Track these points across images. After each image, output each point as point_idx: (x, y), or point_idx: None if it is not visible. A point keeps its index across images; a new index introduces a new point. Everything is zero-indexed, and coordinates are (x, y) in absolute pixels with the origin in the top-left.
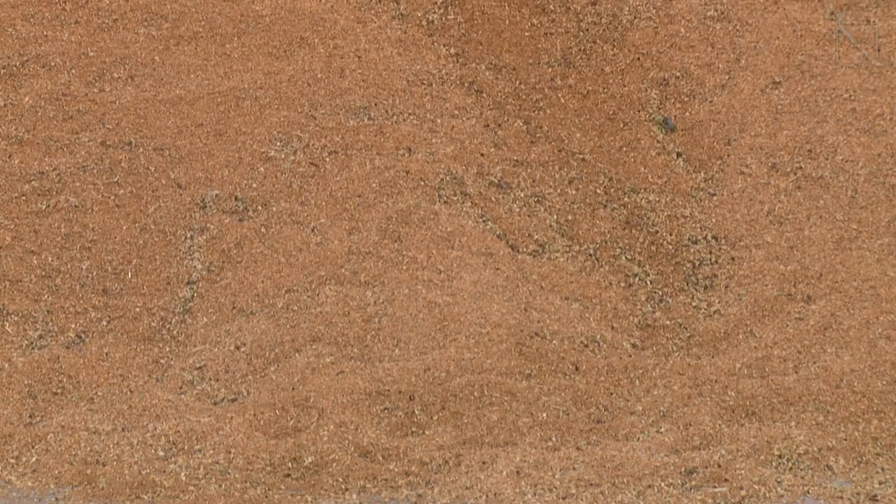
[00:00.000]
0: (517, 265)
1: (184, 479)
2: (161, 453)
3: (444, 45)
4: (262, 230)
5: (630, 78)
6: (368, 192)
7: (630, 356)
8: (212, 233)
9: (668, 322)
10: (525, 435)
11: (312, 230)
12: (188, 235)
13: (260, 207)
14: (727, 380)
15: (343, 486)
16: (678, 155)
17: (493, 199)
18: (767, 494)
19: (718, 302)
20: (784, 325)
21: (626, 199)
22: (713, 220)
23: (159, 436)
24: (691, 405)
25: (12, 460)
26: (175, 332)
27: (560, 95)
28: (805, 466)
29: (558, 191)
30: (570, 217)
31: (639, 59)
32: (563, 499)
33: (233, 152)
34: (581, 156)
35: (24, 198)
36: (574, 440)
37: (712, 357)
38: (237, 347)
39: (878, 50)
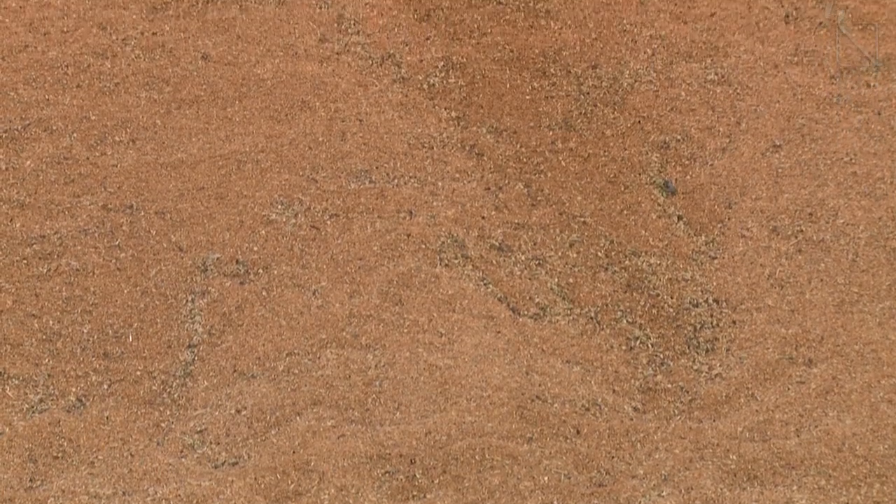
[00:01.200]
0: (518, 328)
1: None
2: None
3: (445, 109)
4: (264, 293)
5: (631, 141)
6: (369, 255)
7: (631, 419)
8: (213, 296)
9: (669, 385)
10: (526, 499)
11: (313, 293)
12: (189, 299)
13: (261, 270)
14: (729, 443)
15: None
16: (679, 218)
17: (494, 262)
18: None
19: (720, 365)
20: (785, 389)
21: (627, 262)
22: (714, 284)
23: (160, 500)
24: (693, 469)
25: None
26: (176, 395)
27: (561, 158)
28: None
29: (559, 254)
30: (571, 280)
31: (639, 122)
32: None
33: (234, 215)
34: (582, 219)
35: (24, 261)
36: None
37: (714, 420)
38: (238, 411)
39: (879, 114)
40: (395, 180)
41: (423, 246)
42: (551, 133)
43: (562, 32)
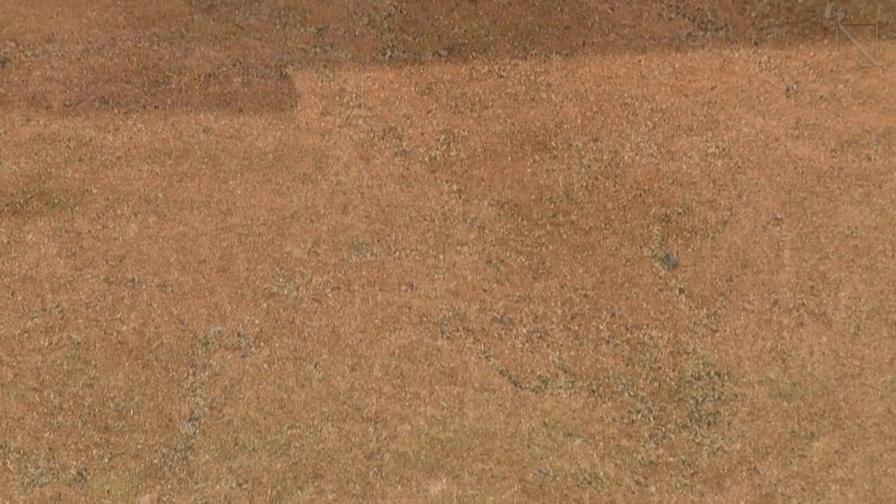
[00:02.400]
0: (520, 401)
1: None
2: None
3: (446, 182)
4: (265, 366)
5: (632, 214)
6: (371, 328)
7: (633, 493)
8: (214, 369)
9: (671, 459)
10: None
11: (315, 366)
12: (190, 372)
13: (262, 343)
14: None
15: None
16: (680, 291)
17: (495, 334)
18: None
19: (722, 439)
20: (788, 462)
21: (628, 335)
22: (716, 357)
23: None
24: None
25: None
26: (177, 468)
27: (562, 231)
28: None
29: (560, 327)
30: (572, 353)
31: (640, 195)
32: None
33: (235, 288)
34: (583, 292)
35: (26, 335)
36: None
37: (716, 494)
38: (239, 484)
39: (880, 187)
40: (397, 253)
41: (425, 319)
42: (552, 206)
43: (563, 106)
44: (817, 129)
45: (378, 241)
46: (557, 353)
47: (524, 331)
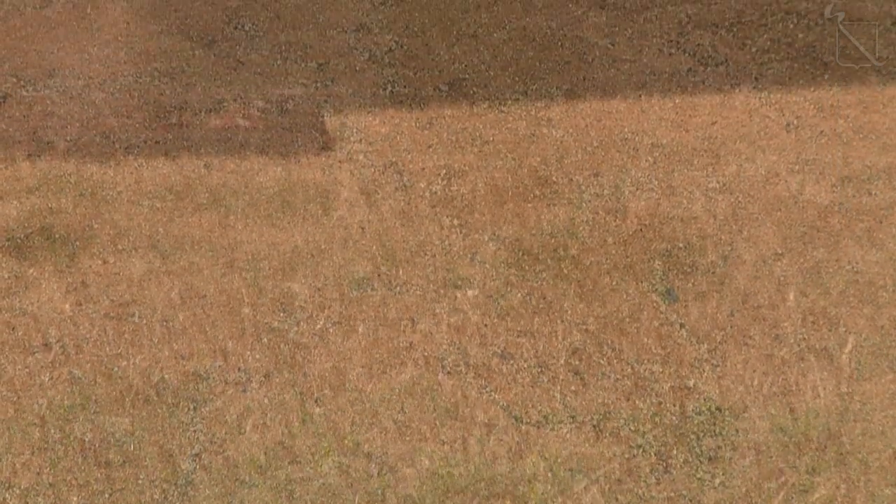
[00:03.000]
0: (521, 436)
1: None
2: None
3: (447, 216)
4: (265, 401)
5: (633, 249)
6: (372, 363)
7: None
8: (215, 405)
9: (672, 494)
10: None
11: (315, 401)
12: (191, 407)
13: (263, 378)
14: None
15: None
16: (681, 326)
17: (496, 369)
18: None
19: (723, 474)
20: (790, 500)
21: (629, 370)
22: (717, 392)
23: None
24: None
25: None
26: None
27: (563, 266)
28: None
29: (561, 361)
30: (573, 388)
31: (641, 230)
32: None
33: (237, 324)
34: (584, 327)
35: (27, 370)
36: None
37: None
38: None
39: (881, 222)
40: (398, 288)
41: (426, 354)
42: (554, 241)
43: (563, 141)
44: (818, 165)
45: (379, 276)
46: (558, 387)
47: (525, 366)
